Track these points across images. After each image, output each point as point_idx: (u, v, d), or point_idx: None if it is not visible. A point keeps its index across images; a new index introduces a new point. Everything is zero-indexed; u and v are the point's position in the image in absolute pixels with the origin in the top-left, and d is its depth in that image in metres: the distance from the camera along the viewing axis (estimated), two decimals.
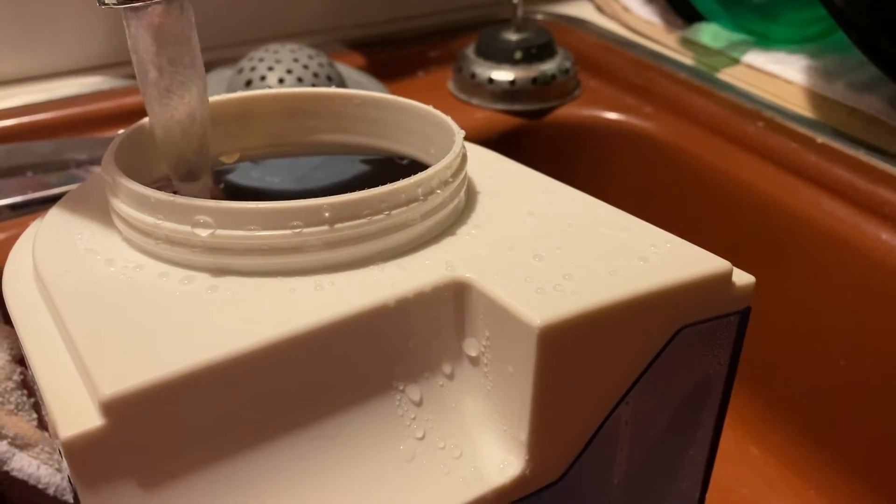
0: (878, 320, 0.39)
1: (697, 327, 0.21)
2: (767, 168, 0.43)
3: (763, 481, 0.46)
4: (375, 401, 0.20)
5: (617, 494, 0.25)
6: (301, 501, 0.18)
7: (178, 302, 0.19)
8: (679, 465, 0.26)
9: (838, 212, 0.40)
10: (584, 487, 0.23)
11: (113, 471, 0.17)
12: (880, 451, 0.42)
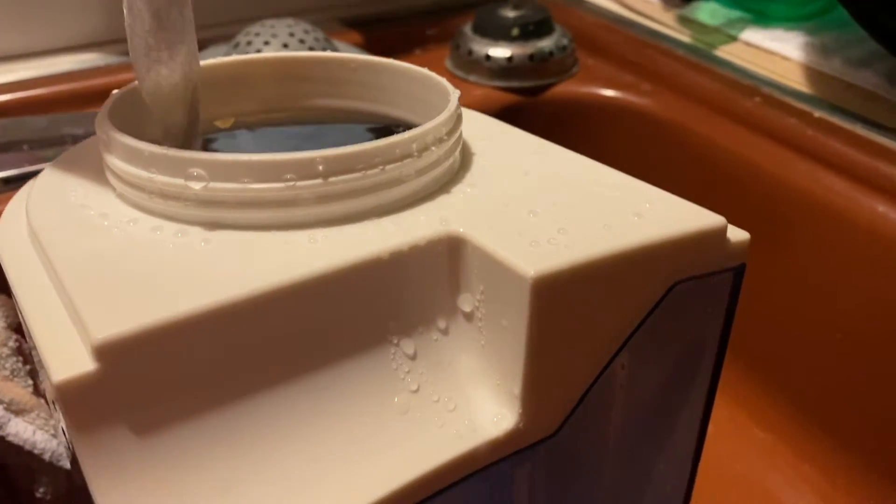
0: (875, 293, 0.39)
1: (692, 283, 0.21)
2: (764, 143, 0.43)
3: (759, 457, 0.47)
4: (370, 353, 0.20)
5: (611, 456, 0.25)
6: (295, 451, 0.18)
7: (172, 253, 0.19)
8: (673, 427, 0.26)
9: (835, 185, 0.40)
10: (579, 445, 0.23)
11: (106, 416, 0.17)
12: (876, 426, 0.42)
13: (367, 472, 0.18)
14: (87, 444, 0.16)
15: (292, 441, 0.18)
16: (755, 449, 0.47)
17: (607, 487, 0.28)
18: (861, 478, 0.43)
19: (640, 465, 0.27)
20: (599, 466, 0.27)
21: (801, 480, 0.45)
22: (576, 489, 0.27)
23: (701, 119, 0.46)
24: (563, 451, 0.22)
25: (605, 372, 0.22)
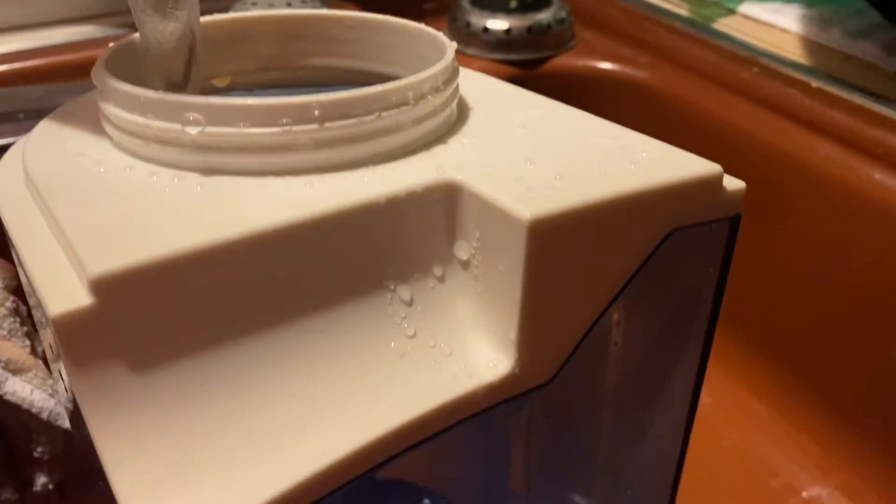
0: (870, 261, 0.39)
1: (689, 231, 0.21)
2: (762, 113, 0.43)
3: (756, 428, 0.47)
4: (366, 298, 0.20)
5: (606, 409, 0.25)
6: (293, 391, 0.18)
7: (168, 197, 0.19)
8: (668, 383, 0.26)
9: (833, 154, 0.40)
10: (574, 396, 0.24)
11: (103, 352, 0.17)
12: (872, 396, 0.42)
13: (363, 412, 0.19)
14: (85, 380, 0.16)
15: (290, 381, 0.18)
16: (752, 420, 0.47)
17: (603, 441, 0.28)
18: (857, 448, 0.43)
19: (635, 421, 0.27)
20: (595, 419, 0.27)
21: (798, 451, 0.45)
22: (571, 440, 0.28)
23: (699, 91, 0.46)
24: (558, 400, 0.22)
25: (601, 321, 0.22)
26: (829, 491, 0.43)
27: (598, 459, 0.30)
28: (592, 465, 0.30)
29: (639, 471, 0.30)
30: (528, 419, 0.30)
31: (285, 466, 0.17)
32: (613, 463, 0.29)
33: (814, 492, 0.43)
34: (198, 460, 0.17)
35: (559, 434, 0.30)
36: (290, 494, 0.17)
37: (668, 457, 0.29)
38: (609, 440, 0.29)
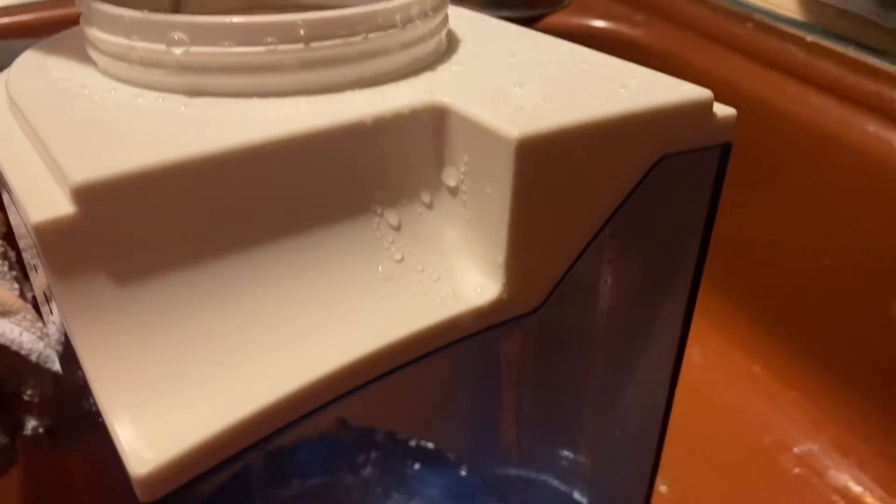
0: (864, 215, 0.39)
1: (679, 159, 0.21)
2: (756, 68, 0.43)
3: (746, 385, 0.47)
4: (353, 221, 0.20)
5: (596, 342, 0.25)
6: (279, 309, 0.18)
7: (152, 115, 0.19)
8: (657, 321, 0.26)
9: (827, 107, 0.40)
10: (564, 326, 0.24)
11: (85, 263, 0.16)
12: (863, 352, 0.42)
13: (350, 331, 0.18)
14: (67, 291, 0.16)
15: (276, 299, 0.18)
16: (744, 378, 0.47)
17: (591, 388, 0.28)
18: (849, 404, 0.43)
19: (624, 365, 0.27)
20: (583, 362, 0.27)
21: (790, 408, 0.45)
22: (560, 387, 0.28)
23: (693, 48, 0.46)
24: (547, 329, 0.22)
25: (592, 257, 0.22)
26: (820, 446, 0.43)
27: (586, 408, 0.30)
28: (580, 415, 0.30)
29: (626, 422, 0.30)
30: (518, 365, 0.30)
31: (270, 381, 0.17)
32: (601, 413, 0.29)
33: (805, 447, 0.43)
34: (181, 372, 0.17)
35: (548, 380, 0.30)
36: (273, 408, 0.17)
37: (655, 406, 0.29)
38: (597, 386, 0.29)
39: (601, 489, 0.32)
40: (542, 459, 0.33)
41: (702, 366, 0.48)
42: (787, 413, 0.45)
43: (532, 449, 0.33)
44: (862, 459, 0.42)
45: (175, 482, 0.16)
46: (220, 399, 0.17)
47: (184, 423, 0.16)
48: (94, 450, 0.32)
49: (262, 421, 0.17)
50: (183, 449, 0.16)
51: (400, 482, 0.34)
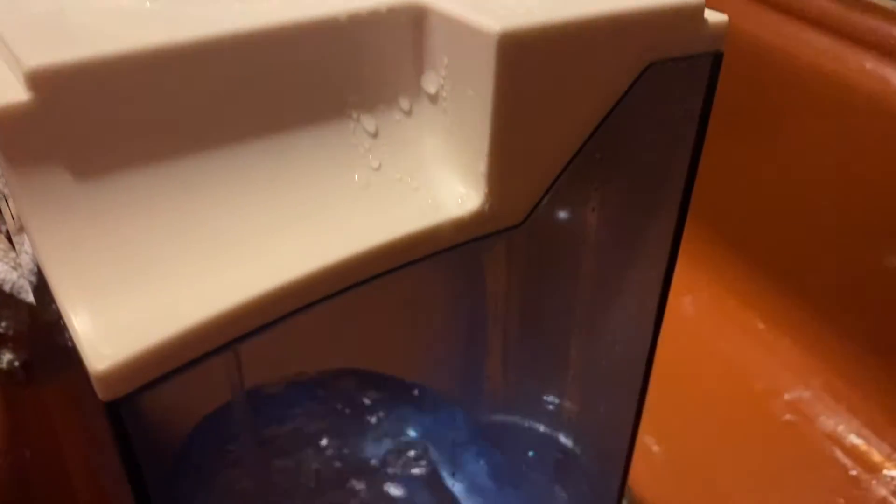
0: (864, 154, 0.38)
1: (668, 67, 0.20)
2: (750, 7, 0.42)
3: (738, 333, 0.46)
4: (328, 125, 0.19)
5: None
6: (247, 211, 0.17)
7: (116, 10, 0.18)
8: (645, 247, 0.25)
9: (823, 44, 0.39)
10: (548, 257, 0.23)
11: (42, 154, 0.16)
12: (855, 298, 0.42)
13: (323, 237, 0.18)
14: (22, 181, 0.16)
15: (244, 200, 0.17)
16: (736, 327, 0.47)
17: (578, 312, 0.27)
18: (840, 350, 0.43)
19: (610, 290, 0.26)
20: (570, 286, 0.26)
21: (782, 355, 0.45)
22: (547, 308, 0.27)
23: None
24: (533, 261, 0.22)
25: (576, 171, 0.21)
26: (811, 392, 0.43)
27: (572, 346, 0.29)
28: (566, 354, 0.30)
29: (611, 361, 0.29)
30: (504, 298, 0.29)
31: (237, 283, 0.16)
32: (587, 351, 0.29)
33: (796, 394, 0.43)
34: (144, 270, 0.16)
35: (534, 315, 0.29)
36: (240, 310, 0.16)
37: (640, 346, 0.28)
38: (583, 322, 0.28)
39: (587, 432, 0.31)
40: (528, 403, 0.32)
41: (693, 315, 0.48)
42: (778, 360, 0.44)
43: (518, 390, 0.32)
44: (853, 405, 0.41)
45: (135, 381, 0.15)
46: (184, 298, 0.16)
47: (145, 320, 0.15)
48: (71, 386, 0.31)
49: (228, 323, 0.16)
50: (144, 346, 0.15)
51: (386, 423, 0.33)
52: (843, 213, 0.41)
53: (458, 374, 0.35)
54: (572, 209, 0.24)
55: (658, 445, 0.40)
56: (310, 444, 0.32)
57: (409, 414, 0.34)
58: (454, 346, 0.34)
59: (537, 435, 0.32)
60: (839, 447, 0.41)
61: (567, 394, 0.31)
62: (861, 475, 0.39)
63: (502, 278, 0.28)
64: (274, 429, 0.31)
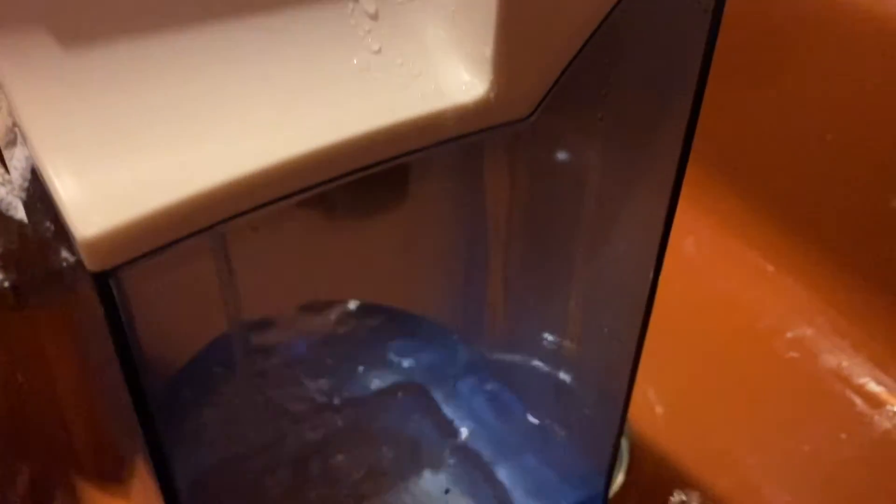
0: (871, 91, 0.38)
1: None
2: None
3: (741, 273, 0.46)
4: (325, 4, 0.18)
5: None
6: (241, 89, 0.17)
7: None
8: (648, 174, 0.24)
9: None
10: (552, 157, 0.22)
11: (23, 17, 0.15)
12: (859, 234, 0.41)
13: (321, 118, 0.17)
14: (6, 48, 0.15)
15: (238, 78, 0.17)
16: (739, 266, 0.46)
17: (579, 240, 0.27)
18: (843, 288, 0.42)
19: (610, 228, 0.26)
20: (572, 212, 0.25)
21: (785, 293, 0.44)
22: (548, 235, 0.26)
23: None
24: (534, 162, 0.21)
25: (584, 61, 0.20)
26: (813, 331, 0.42)
27: (572, 277, 0.28)
28: (566, 286, 0.29)
29: (611, 296, 0.29)
30: (506, 222, 0.29)
31: (232, 158, 0.16)
32: (587, 283, 0.28)
33: (798, 332, 0.43)
34: (135, 140, 0.15)
35: (535, 242, 0.29)
36: (233, 186, 0.15)
37: (642, 278, 0.27)
38: (584, 253, 0.27)
39: (586, 367, 0.31)
40: (528, 335, 0.32)
41: (695, 256, 0.47)
42: (782, 299, 0.44)
43: (517, 321, 0.32)
44: (857, 341, 0.41)
45: (125, 253, 0.14)
46: (174, 172, 0.15)
47: (136, 191, 0.14)
48: (65, 310, 0.31)
49: (220, 199, 0.15)
50: (135, 215, 0.14)
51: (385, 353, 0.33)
52: (849, 151, 0.40)
53: (457, 302, 0.34)
54: (579, 116, 0.23)
55: (659, 383, 0.40)
56: (307, 372, 0.31)
57: (408, 344, 0.33)
58: (454, 272, 0.33)
59: (536, 370, 0.32)
60: (843, 383, 0.40)
61: (567, 326, 0.30)
62: (865, 410, 0.39)
63: (503, 197, 0.28)
64: (273, 356, 0.30)
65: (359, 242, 0.30)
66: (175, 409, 0.29)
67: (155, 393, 0.19)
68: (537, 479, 0.30)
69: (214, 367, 0.29)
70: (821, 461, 0.37)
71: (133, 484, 0.30)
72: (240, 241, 0.25)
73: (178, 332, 0.27)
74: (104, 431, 0.33)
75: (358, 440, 0.31)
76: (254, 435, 0.30)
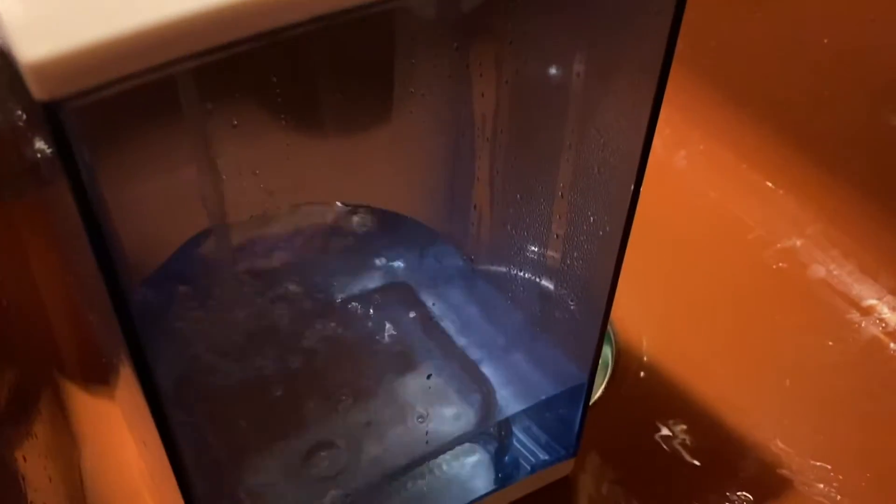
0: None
1: None
2: None
3: (732, 184, 0.46)
4: None
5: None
6: None
7: None
8: (632, 79, 0.23)
9: None
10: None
11: None
12: (850, 145, 0.41)
13: None
14: None
15: None
16: (730, 178, 0.45)
17: (564, 143, 0.26)
18: (834, 198, 0.42)
19: (596, 112, 0.25)
20: (556, 116, 0.25)
21: (775, 205, 0.44)
22: (534, 137, 0.26)
23: None
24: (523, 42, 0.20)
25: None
26: (803, 241, 0.42)
27: (556, 183, 0.28)
28: (550, 192, 0.28)
29: (595, 203, 0.28)
30: (492, 121, 0.28)
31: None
32: (570, 190, 0.28)
33: (788, 243, 0.42)
34: None
35: (521, 143, 0.28)
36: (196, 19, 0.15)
37: (625, 181, 0.27)
38: (568, 157, 0.27)
39: (570, 272, 0.31)
40: (514, 241, 0.31)
41: (686, 168, 0.47)
42: (773, 210, 0.44)
43: (504, 225, 0.31)
44: (847, 250, 0.41)
45: (74, 82, 0.14)
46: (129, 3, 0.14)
47: (85, 20, 0.14)
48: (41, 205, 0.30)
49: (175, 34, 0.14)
50: (83, 41, 0.13)
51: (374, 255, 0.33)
52: (842, 63, 0.39)
53: (444, 203, 0.34)
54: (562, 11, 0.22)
55: (645, 293, 0.40)
56: (293, 272, 0.31)
57: (396, 246, 0.33)
58: (441, 171, 0.33)
59: (522, 271, 0.31)
60: (831, 292, 0.40)
61: (552, 227, 0.30)
62: (852, 317, 0.39)
63: (489, 96, 0.27)
64: (259, 257, 0.30)
65: (345, 145, 0.30)
66: (155, 306, 0.28)
67: (133, 286, 0.18)
68: (520, 375, 0.30)
69: (196, 265, 0.29)
70: (806, 368, 0.37)
71: (119, 385, 0.30)
72: (222, 139, 0.25)
73: (157, 226, 0.27)
74: (87, 331, 0.33)
75: (344, 338, 0.31)
76: (237, 334, 0.30)
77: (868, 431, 0.34)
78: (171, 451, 0.21)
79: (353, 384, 0.30)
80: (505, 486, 0.31)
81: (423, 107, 0.30)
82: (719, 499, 0.32)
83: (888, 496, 0.32)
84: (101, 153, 0.17)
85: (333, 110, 0.29)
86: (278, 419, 0.29)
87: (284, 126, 0.27)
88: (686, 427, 0.35)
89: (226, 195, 0.27)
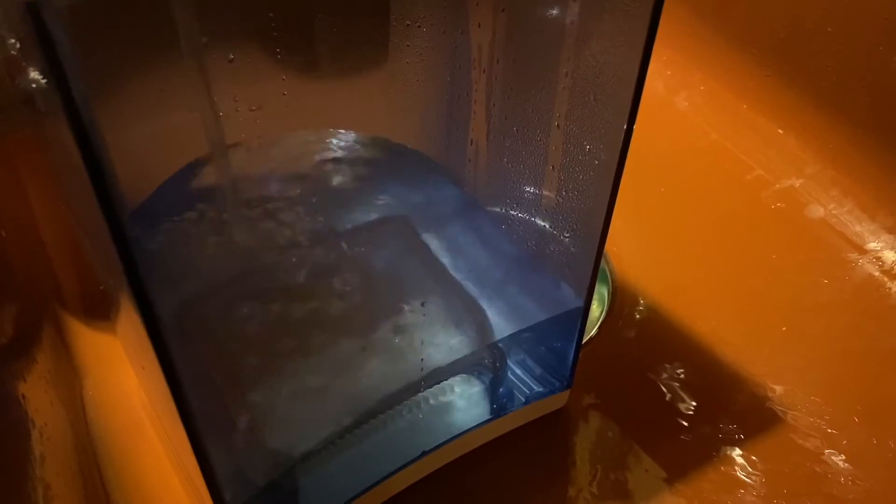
0: None
1: None
2: None
3: (732, 126, 0.45)
4: None
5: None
6: None
7: None
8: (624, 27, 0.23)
9: None
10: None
11: None
12: (847, 87, 0.40)
13: None
14: None
15: None
16: (730, 119, 0.45)
17: (559, 83, 0.26)
18: (832, 139, 0.42)
19: (590, 51, 0.25)
20: (550, 36, 0.24)
21: (775, 145, 0.44)
22: (529, 74, 0.26)
23: None
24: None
25: None
26: (802, 181, 0.42)
27: (551, 121, 0.28)
28: (545, 130, 0.28)
29: (589, 140, 0.28)
30: (489, 55, 0.28)
31: None
32: (565, 130, 0.28)
33: (787, 183, 0.42)
34: None
35: (517, 79, 0.28)
36: None
37: (618, 119, 0.26)
38: (562, 98, 0.27)
39: (565, 209, 0.31)
40: (511, 175, 0.31)
41: (688, 109, 0.46)
42: (772, 151, 0.43)
43: (501, 158, 0.31)
44: (844, 189, 0.41)
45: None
46: None
47: None
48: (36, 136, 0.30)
49: None
50: None
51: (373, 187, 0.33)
52: (843, 4, 0.39)
53: (442, 138, 0.34)
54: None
55: (643, 230, 0.40)
56: (293, 204, 0.31)
57: (394, 180, 0.33)
58: (438, 106, 0.32)
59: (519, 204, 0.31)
60: (828, 231, 0.40)
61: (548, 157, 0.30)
62: (849, 256, 0.39)
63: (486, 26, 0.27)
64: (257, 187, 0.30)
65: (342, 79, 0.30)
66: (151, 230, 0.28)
67: (128, 211, 0.18)
68: (516, 303, 0.31)
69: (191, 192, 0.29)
70: (801, 305, 0.37)
71: (117, 315, 0.31)
72: (218, 70, 0.25)
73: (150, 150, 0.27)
74: (87, 266, 0.33)
75: (341, 269, 0.31)
76: (237, 264, 0.30)
77: (860, 367, 0.35)
78: (169, 373, 0.21)
79: (348, 312, 0.30)
80: (500, 416, 0.31)
81: (420, 38, 0.29)
82: (712, 431, 0.33)
83: (879, 429, 0.32)
84: (89, 65, 0.17)
85: (329, 43, 0.29)
86: (275, 346, 0.29)
87: (280, 60, 0.27)
88: (680, 363, 0.35)
89: (221, 124, 0.27)
